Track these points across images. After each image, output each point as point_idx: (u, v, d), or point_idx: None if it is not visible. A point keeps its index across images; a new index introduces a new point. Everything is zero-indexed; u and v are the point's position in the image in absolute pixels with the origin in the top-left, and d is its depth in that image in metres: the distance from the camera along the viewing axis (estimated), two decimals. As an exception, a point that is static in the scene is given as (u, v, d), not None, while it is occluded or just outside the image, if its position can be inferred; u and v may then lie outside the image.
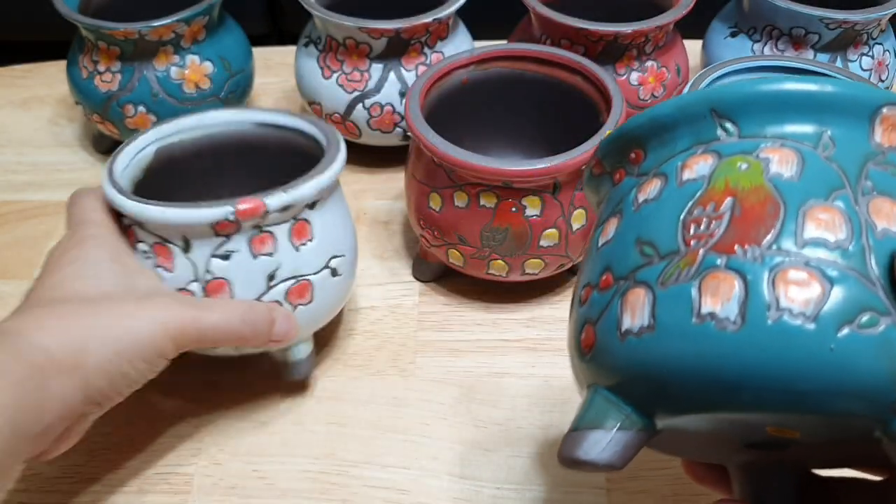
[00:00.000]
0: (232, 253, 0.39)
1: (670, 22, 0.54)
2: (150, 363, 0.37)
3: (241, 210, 0.38)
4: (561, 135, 0.50)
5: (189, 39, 0.58)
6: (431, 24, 0.55)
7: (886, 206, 0.24)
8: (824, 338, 0.22)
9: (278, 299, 0.41)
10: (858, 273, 0.23)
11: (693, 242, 0.25)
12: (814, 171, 0.24)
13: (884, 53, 0.60)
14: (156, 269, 0.40)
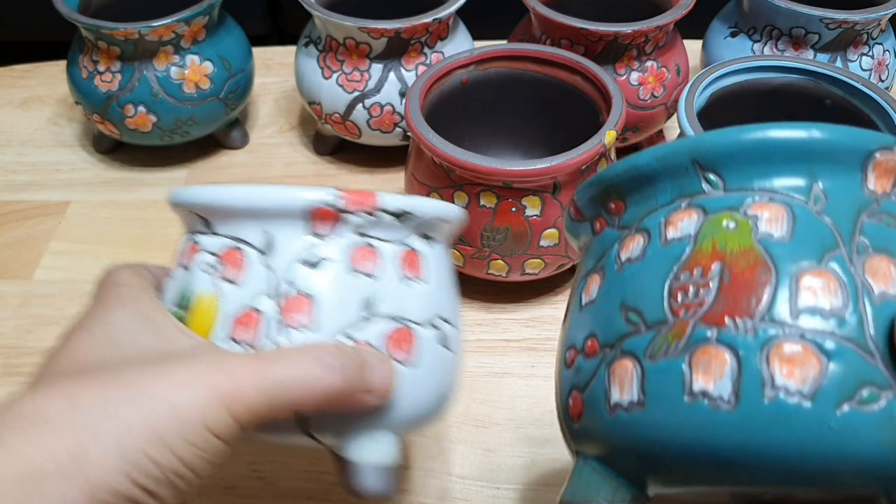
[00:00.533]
0: (323, 261, 0.30)
1: (670, 22, 0.54)
2: (197, 445, 0.25)
3: (349, 197, 0.30)
4: (561, 135, 0.50)
5: (189, 39, 0.58)
6: (431, 24, 0.55)
7: (883, 266, 0.22)
8: (823, 416, 0.21)
9: (372, 341, 0.30)
10: (856, 344, 0.21)
11: (681, 312, 0.23)
12: (806, 229, 0.23)
13: (884, 53, 0.60)
14: (216, 286, 0.30)
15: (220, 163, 0.65)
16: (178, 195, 0.32)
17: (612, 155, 0.48)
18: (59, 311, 0.53)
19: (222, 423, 0.25)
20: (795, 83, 0.51)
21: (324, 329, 0.29)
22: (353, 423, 0.30)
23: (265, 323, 0.29)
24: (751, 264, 0.23)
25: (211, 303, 0.30)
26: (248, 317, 0.30)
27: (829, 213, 0.23)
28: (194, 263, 0.31)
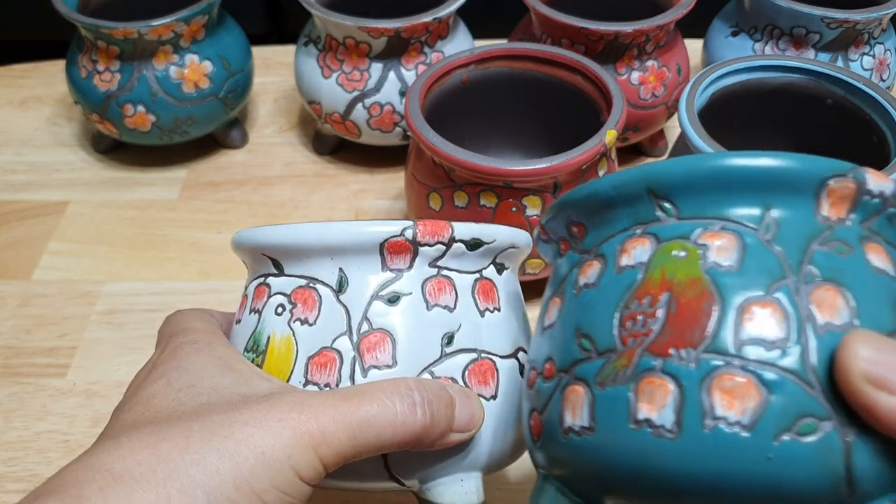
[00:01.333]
0: (401, 296, 0.29)
1: (671, 21, 0.54)
2: (286, 491, 0.24)
3: (422, 228, 0.29)
4: (561, 134, 0.49)
5: (188, 39, 0.58)
6: (431, 23, 0.55)
7: (829, 296, 0.22)
8: (762, 447, 0.21)
9: (455, 376, 0.29)
10: (797, 376, 0.21)
11: (630, 341, 0.24)
12: (754, 258, 0.23)
13: (885, 53, 0.59)
14: (290, 327, 0.29)
15: (219, 162, 0.65)
16: (244, 238, 0.31)
17: (612, 155, 0.48)
18: (58, 311, 0.53)
19: (309, 465, 0.25)
20: (796, 83, 0.51)
21: (405, 367, 0.29)
22: (438, 463, 0.29)
23: (344, 363, 0.29)
24: (697, 295, 0.23)
25: (286, 345, 0.29)
26: (326, 357, 0.29)
27: (780, 243, 0.23)
28: (265, 307, 0.30)
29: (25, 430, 0.46)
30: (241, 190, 0.62)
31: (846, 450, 0.21)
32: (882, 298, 0.23)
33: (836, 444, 0.21)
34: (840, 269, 0.23)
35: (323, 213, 0.60)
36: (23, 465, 0.44)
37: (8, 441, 0.45)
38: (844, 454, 0.21)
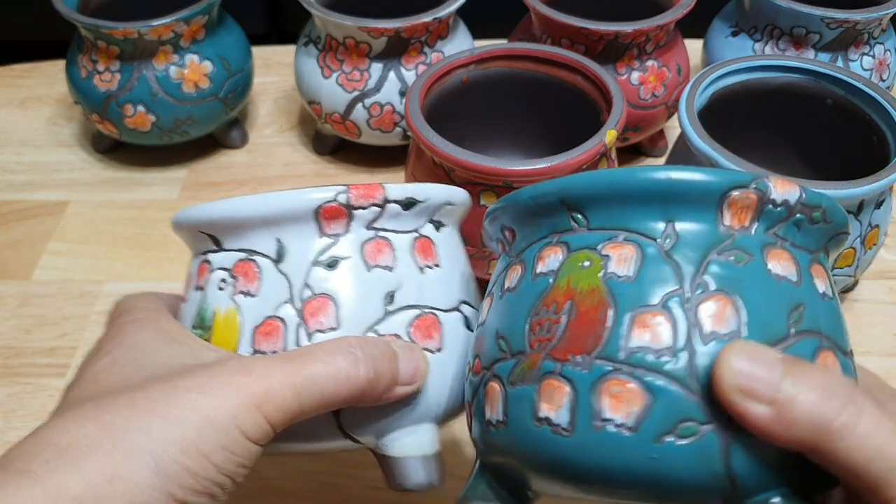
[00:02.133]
0: (340, 260, 0.30)
1: (671, 21, 0.54)
2: (233, 451, 0.25)
3: (355, 191, 0.30)
4: (561, 134, 0.49)
5: (188, 39, 0.58)
6: (431, 23, 0.55)
7: (718, 306, 0.23)
8: (644, 448, 0.23)
9: (398, 332, 0.30)
10: (679, 383, 0.23)
11: (536, 345, 0.25)
12: (651, 269, 0.24)
13: (885, 53, 0.59)
14: (234, 300, 0.30)
15: (219, 162, 0.65)
16: (181, 216, 0.31)
17: (612, 155, 0.48)
18: (58, 311, 0.53)
19: (255, 424, 0.25)
20: (796, 83, 0.51)
21: (349, 328, 0.29)
22: (389, 416, 0.30)
23: (289, 330, 0.29)
24: (595, 303, 0.24)
25: (231, 318, 0.30)
26: (271, 326, 0.29)
27: (678, 253, 0.24)
28: (208, 283, 0.31)
29: (25, 430, 0.45)
30: (242, 190, 0.62)
31: (725, 451, 0.22)
32: (777, 305, 0.24)
33: (714, 445, 0.22)
34: (735, 278, 0.24)
35: (323, 213, 0.60)
36: None
37: (8, 441, 0.45)
38: (723, 455, 0.22)
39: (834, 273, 0.45)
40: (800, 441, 0.22)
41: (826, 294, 0.26)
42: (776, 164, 0.51)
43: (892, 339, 0.50)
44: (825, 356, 0.24)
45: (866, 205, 0.44)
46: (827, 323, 0.25)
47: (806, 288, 0.25)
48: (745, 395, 0.22)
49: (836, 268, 0.45)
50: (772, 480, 0.23)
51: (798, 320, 0.24)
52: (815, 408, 0.21)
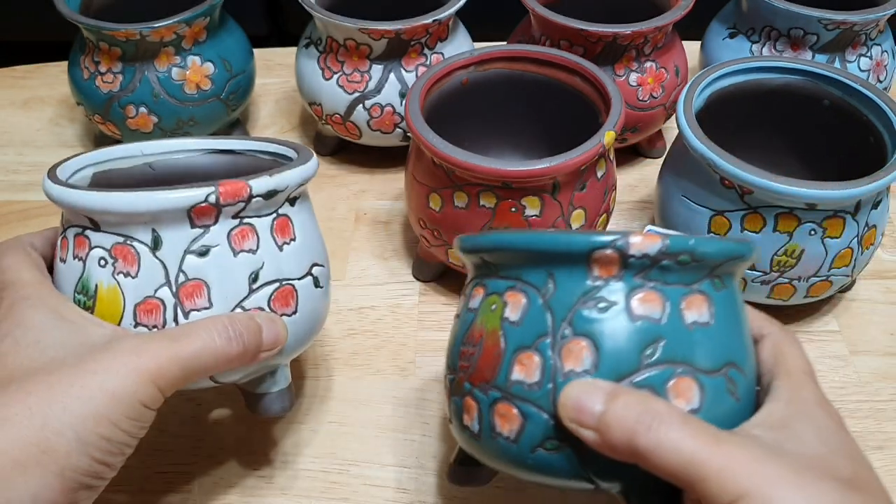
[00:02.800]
0: (210, 248, 0.34)
1: (669, 23, 0.55)
2: (136, 418, 0.31)
3: (223, 191, 0.33)
4: (560, 135, 0.50)
5: (190, 40, 0.58)
6: (431, 25, 0.56)
7: (577, 348, 0.29)
8: (524, 456, 0.30)
9: (261, 305, 0.36)
10: (545, 410, 0.29)
11: (461, 368, 0.33)
12: (531, 317, 0.30)
13: (882, 54, 0.60)
14: (115, 278, 0.34)
15: (220, 163, 0.65)
16: (58, 196, 0.34)
17: (611, 155, 0.48)
18: (60, 310, 0.53)
19: (151, 395, 0.31)
20: (794, 84, 0.51)
21: (219, 306, 0.35)
22: (254, 367, 0.37)
23: (167, 309, 0.34)
24: (494, 342, 0.31)
25: (114, 294, 0.34)
26: (151, 305, 0.34)
27: (553, 302, 0.30)
28: (88, 257, 0.34)
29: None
30: (243, 190, 0.62)
31: (581, 460, 0.29)
32: (631, 343, 0.29)
33: (572, 456, 0.29)
34: (595, 322, 0.29)
35: (324, 214, 0.60)
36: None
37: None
38: (580, 463, 0.29)
39: (831, 273, 0.46)
40: (623, 456, 0.27)
41: (699, 322, 0.29)
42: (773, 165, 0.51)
43: (888, 338, 0.50)
44: (678, 382, 0.29)
45: (863, 205, 0.44)
46: (690, 351, 0.29)
47: (670, 322, 0.29)
48: (577, 423, 0.28)
49: (834, 268, 0.45)
50: (626, 477, 0.29)
51: (653, 353, 0.29)
52: (625, 432, 0.27)
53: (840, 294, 0.53)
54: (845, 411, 0.46)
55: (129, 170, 0.41)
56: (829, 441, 0.29)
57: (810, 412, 0.30)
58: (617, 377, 0.28)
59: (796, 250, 0.45)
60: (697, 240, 0.29)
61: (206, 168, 0.42)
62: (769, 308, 0.50)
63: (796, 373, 0.32)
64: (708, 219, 0.46)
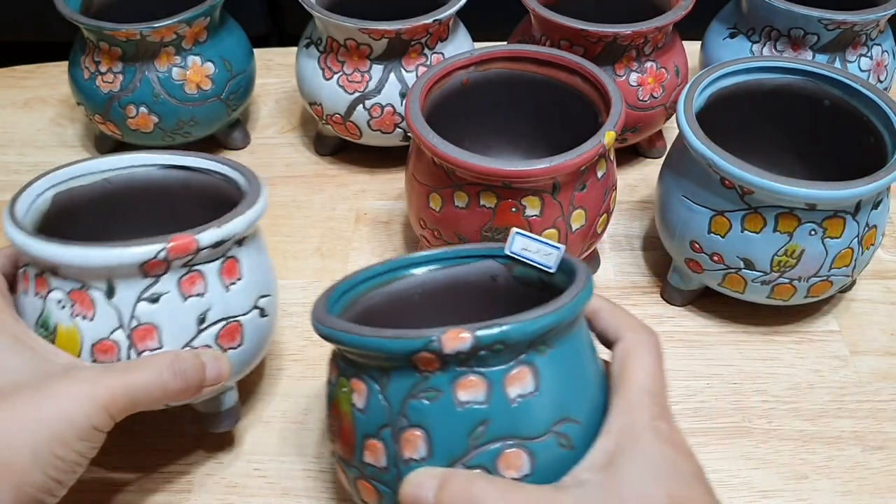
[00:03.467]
0: (161, 295, 0.37)
1: (669, 23, 0.55)
2: (88, 440, 0.34)
3: (172, 247, 0.35)
4: (560, 135, 0.50)
5: (190, 40, 0.58)
6: (432, 25, 0.56)
7: (412, 437, 0.31)
8: None
9: (209, 343, 0.38)
10: (391, 488, 0.32)
11: (331, 435, 0.35)
12: (373, 406, 0.32)
13: (882, 54, 0.60)
14: (73, 320, 0.36)
15: (221, 163, 0.65)
16: (23, 245, 0.36)
17: (611, 155, 0.48)
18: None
19: (104, 421, 0.34)
20: (794, 84, 0.51)
21: (169, 346, 0.37)
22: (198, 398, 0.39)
23: (122, 349, 0.37)
24: (348, 424, 0.33)
25: (72, 333, 0.37)
26: (107, 346, 0.37)
27: (389, 394, 0.32)
28: (48, 298, 0.37)
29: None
30: (243, 190, 0.62)
31: None
32: (459, 428, 0.31)
33: None
34: (426, 413, 0.31)
35: (324, 214, 0.60)
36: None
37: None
38: None
39: (832, 273, 0.46)
40: None
41: (523, 394, 0.31)
42: (774, 165, 0.51)
43: (889, 338, 0.50)
44: (506, 456, 0.31)
45: (864, 205, 0.44)
46: (515, 424, 0.31)
47: (494, 403, 0.31)
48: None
49: (834, 268, 0.45)
50: None
51: (481, 435, 0.31)
52: None
53: (840, 294, 0.53)
54: (846, 412, 0.46)
55: (89, 186, 0.43)
56: (654, 471, 0.30)
57: (638, 440, 0.31)
58: (449, 462, 0.31)
59: (796, 250, 0.45)
60: (510, 326, 0.30)
61: (160, 182, 0.44)
62: (770, 308, 0.50)
63: (634, 391, 0.32)
64: (708, 219, 0.46)
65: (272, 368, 0.49)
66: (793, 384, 0.48)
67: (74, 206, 0.42)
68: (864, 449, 0.44)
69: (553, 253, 0.37)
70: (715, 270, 0.47)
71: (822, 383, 0.48)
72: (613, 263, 0.56)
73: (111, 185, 0.43)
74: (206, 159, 0.44)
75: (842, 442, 0.45)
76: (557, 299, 0.32)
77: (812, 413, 0.46)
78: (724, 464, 0.44)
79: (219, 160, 0.43)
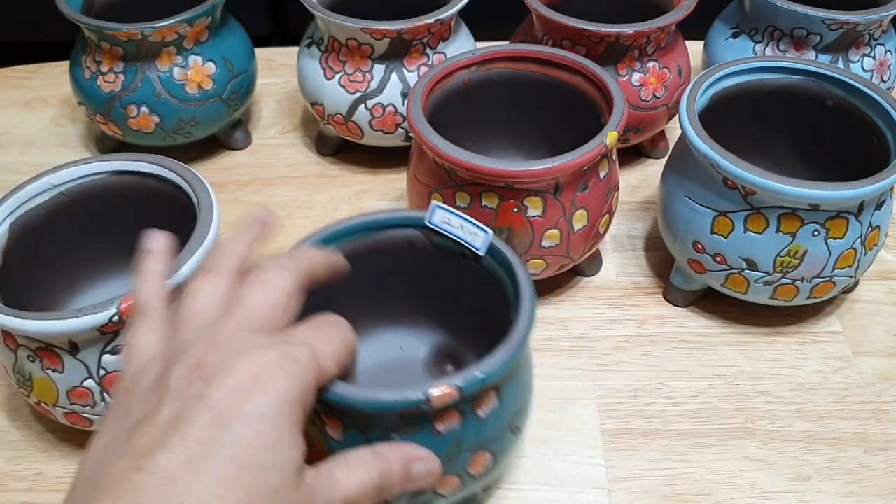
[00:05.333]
0: (122, 346, 0.38)
1: (672, 23, 0.55)
2: None
3: (125, 309, 0.37)
4: (562, 135, 0.50)
5: (192, 40, 0.58)
6: (433, 24, 0.56)
7: None
8: None
9: None
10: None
11: None
12: (351, 441, 0.33)
13: (885, 54, 0.60)
14: (45, 372, 0.39)
15: (222, 163, 0.65)
16: None
17: (613, 156, 0.48)
18: (62, 310, 0.53)
19: None
20: (797, 84, 0.51)
21: None
22: None
23: (95, 395, 0.39)
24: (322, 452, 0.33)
25: (47, 382, 0.40)
26: (80, 392, 0.39)
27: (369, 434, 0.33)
28: (18, 350, 0.39)
29: (29, 429, 0.46)
30: (245, 191, 0.62)
31: None
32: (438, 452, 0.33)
33: None
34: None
35: (326, 213, 0.60)
36: (27, 464, 0.44)
37: (11, 440, 0.45)
38: None
39: (835, 274, 0.46)
40: None
41: (487, 411, 0.34)
42: (776, 165, 0.51)
43: (892, 339, 0.50)
44: (474, 460, 0.34)
45: (867, 206, 0.44)
46: (482, 434, 0.34)
47: (466, 425, 0.33)
48: None
49: (837, 268, 0.45)
50: None
51: (454, 452, 0.34)
52: None
53: (843, 295, 0.53)
54: (848, 413, 0.46)
55: (44, 204, 0.44)
56: None
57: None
58: None
59: (799, 251, 0.44)
60: (491, 372, 0.32)
61: (114, 188, 0.45)
62: (773, 309, 0.50)
63: None
64: (711, 219, 0.46)
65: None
66: (795, 385, 0.48)
67: (34, 226, 0.44)
68: (866, 450, 0.44)
69: (481, 235, 0.39)
70: (717, 271, 0.47)
71: (825, 384, 0.48)
72: (615, 264, 0.55)
73: (67, 196, 0.45)
74: (157, 165, 0.44)
75: (844, 443, 0.45)
76: (518, 325, 0.34)
77: (815, 414, 0.46)
78: (727, 465, 0.43)
79: (169, 168, 0.44)
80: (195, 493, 0.25)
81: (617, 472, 0.43)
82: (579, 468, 0.43)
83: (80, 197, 0.45)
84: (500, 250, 0.38)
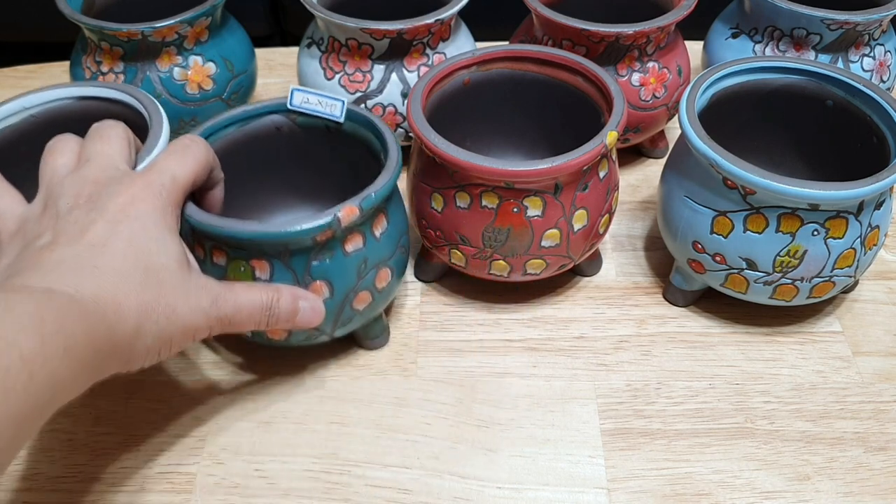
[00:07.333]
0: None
1: (672, 23, 0.55)
2: (185, 346, 0.37)
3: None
4: (562, 135, 0.50)
5: (192, 40, 0.58)
6: (433, 24, 0.56)
7: (318, 287, 0.42)
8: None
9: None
10: None
11: None
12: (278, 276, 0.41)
13: (885, 54, 0.60)
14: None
15: (222, 163, 0.65)
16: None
17: (613, 156, 0.48)
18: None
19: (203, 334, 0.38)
20: (797, 84, 0.51)
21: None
22: None
23: None
24: None
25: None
26: None
27: (292, 264, 0.41)
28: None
29: (30, 428, 0.46)
30: (244, 190, 0.62)
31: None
32: (351, 270, 0.42)
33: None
34: (326, 268, 0.42)
35: (325, 214, 0.60)
36: (28, 464, 0.44)
37: None
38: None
39: (834, 274, 0.46)
40: None
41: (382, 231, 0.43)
42: (776, 165, 0.51)
43: (892, 339, 0.50)
44: (379, 275, 0.44)
45: (866, 205, 0.44)
46: (381, 252, 0.43)
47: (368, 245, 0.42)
48: None
49: (837, 268, 0.45)
50: None
51: (363, 269, 0.42)
52: None
53: (843, 295, 0.53)
54: (848, 413, 0.46)
55: (16, 125, 0.46)
56: None
57: None
58: (345, 294, 0.42)
59: (799, 251, 0.44)
60: (377, 193, 0.40)
61: (80, 112, 0.47)
62: (772, 309, 0.50)
63: None
64: (711, 219, 0.46)
65: (271, 370, 0.49)
66: (795, 385, 0.48)
67: (3, 146, 0.46)
68: (866, 450, 0.44)
69: (338, 105, 0.45)
70: (717, 271, 0.47)
71: (825, 384, 0.48)
72: (615, 264, 0.55)
73: (37, 118, 0.47)
74: (120, 91, 0.47)
75: (844, 443, 0.45)
76: (390, 159, 0.43)
77: (814, 414, 0.46)
78: (727, 465, 0.43)
79: (130, 93, 0.47)
80: (104, 263, 0.34)
81: (617, 472, 0.43)
82: (579, 468, 0.43)
83: (49, 120, 0.47)
84: (357, 112, 0.46)
